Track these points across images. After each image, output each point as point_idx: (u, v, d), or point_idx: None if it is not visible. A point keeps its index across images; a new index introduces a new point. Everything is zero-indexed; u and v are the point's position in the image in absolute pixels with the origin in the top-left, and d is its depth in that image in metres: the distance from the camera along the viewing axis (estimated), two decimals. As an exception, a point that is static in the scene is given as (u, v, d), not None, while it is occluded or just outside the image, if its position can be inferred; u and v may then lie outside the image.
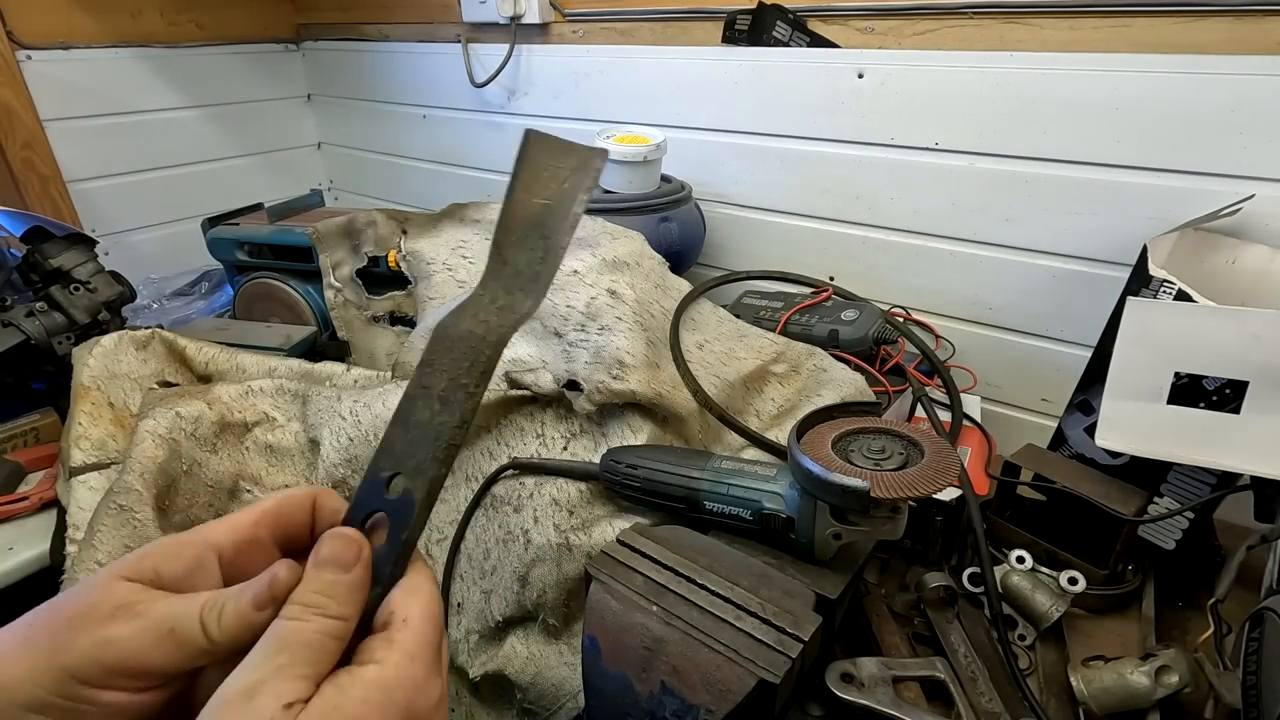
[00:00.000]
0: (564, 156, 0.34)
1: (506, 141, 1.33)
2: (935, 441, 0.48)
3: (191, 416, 0.66)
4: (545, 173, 0.34)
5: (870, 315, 0.83)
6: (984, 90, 0.83)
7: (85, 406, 0.69)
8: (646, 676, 0.42)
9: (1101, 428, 0.61)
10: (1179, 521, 0.64)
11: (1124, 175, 0.77)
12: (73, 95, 1.25)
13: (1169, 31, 0.73)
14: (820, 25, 0.93)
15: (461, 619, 0.63)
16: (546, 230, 0.33)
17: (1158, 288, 0.61)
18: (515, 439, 0.66)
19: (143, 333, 0.76)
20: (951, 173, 0.88)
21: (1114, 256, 0.80)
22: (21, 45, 1.18)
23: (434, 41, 1.35)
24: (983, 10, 0.82)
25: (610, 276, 0.74)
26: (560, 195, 0.34)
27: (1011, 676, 0.55)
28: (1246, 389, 0.56)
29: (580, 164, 0.34)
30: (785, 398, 0.75)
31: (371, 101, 1.52)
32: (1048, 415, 0.91)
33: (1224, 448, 0.58)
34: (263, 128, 1.56)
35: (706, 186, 1.07)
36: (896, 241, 0.95)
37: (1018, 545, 0.63)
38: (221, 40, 1.44)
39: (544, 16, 1.17)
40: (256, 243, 0.98)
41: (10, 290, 0.85)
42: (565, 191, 0.34)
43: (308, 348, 0.88)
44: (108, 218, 1.33)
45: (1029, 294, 0.87)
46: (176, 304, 1.16)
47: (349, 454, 0.66)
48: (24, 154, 1.20)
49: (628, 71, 1.12)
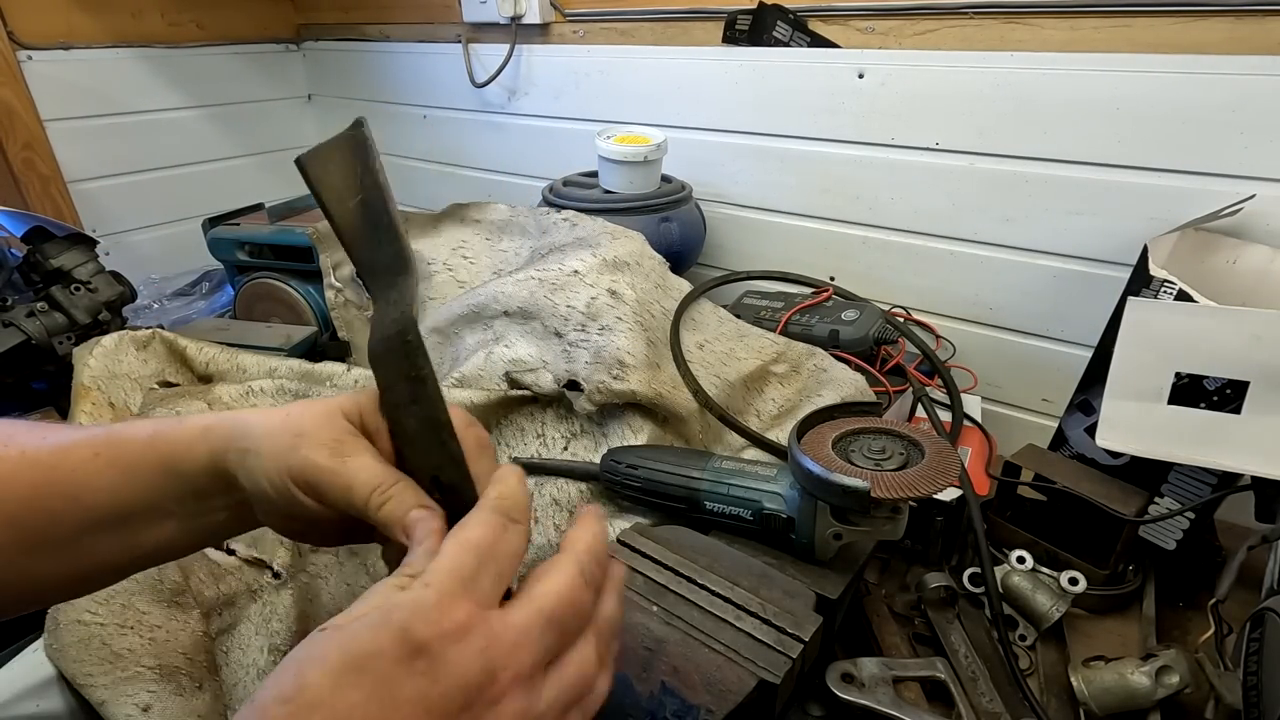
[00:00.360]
0: (336, 152, 0.35)
1: (507, 142, 1.33)
2: (936, 442, 0.48)
3: (192, 416, 0.66)
4: (334, 177, 0.34)
5: (870, 315, 0.83)
6: (984, 90, 0.83)
7: (86, 406, 0.69)
8: (647, 676, 0.42)
9: (1102, 428, 0.61)
10: (1180, 522, 0.64)
11: (1124, 175, 0.77)
12: (73, 95, 1.25)
13: (1170, 31, 0.73)
14: (821, 25, 0.93)
15: (462, 619, 0.63)
16: (376, 217, 0.34)
17: (1158, 288, 0.61)
18: (515, 439, 0.66)
19: (143, 333, 0.76)
20: (952, 173, 0.88)
21: (1114, 256, 0.80)
22: (22, 45, 1.18)
23: (434, 42, 1.35)
24: (983, 10, 0.82)
25: (610, 277, 0.74)
26: (360, 182, 0.34)
27: (1012, 677, 0.55)
28: (1247, 389, 0.56)
29: (352, 145, 0.35)
30: (786, 398, 0.75)
31: (372, 102, 1.52)
32: (1048, 415, 0.91)
33: (1224, 448, 0.58)
34: (263, 128, 1.56)
35: (707, 186, 1.07)
36: (897, 241, 0.95)
37: (1018, 545, 0.63)
38: (222, 40, 1.44)
39: (544, 17, 1.17)
40: (257, 243, 0.98)
41: (11, 290, 0.85)
42: (362, 175, 0.34)
43: (308, 348, 0.88)
44: (108, 218, 1.33)
45: (1029, 294, 0.87)
46: (177, 304, 1.16)
47: (349, 454, 0.66)
48: (25, 154, 1.20)
49: (628, 72, 1.12)
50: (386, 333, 0.32)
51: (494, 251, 0.91)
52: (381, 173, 0.35)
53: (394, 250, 0.34)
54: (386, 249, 0.34)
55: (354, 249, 0.34)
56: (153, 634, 0.54)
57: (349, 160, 0.34)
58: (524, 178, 1.34)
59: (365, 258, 0.34)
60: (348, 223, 0.34)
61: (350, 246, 0.34)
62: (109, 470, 0.32)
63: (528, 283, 0.72)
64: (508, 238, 0.91)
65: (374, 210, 0.34)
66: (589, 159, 1.00)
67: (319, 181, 0.34)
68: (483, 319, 0.73)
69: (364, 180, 0.34)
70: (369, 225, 0.34)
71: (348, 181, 0.34)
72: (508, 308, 0.71)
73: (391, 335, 0.31)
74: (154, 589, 0.56)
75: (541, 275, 0.72)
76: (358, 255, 0.34)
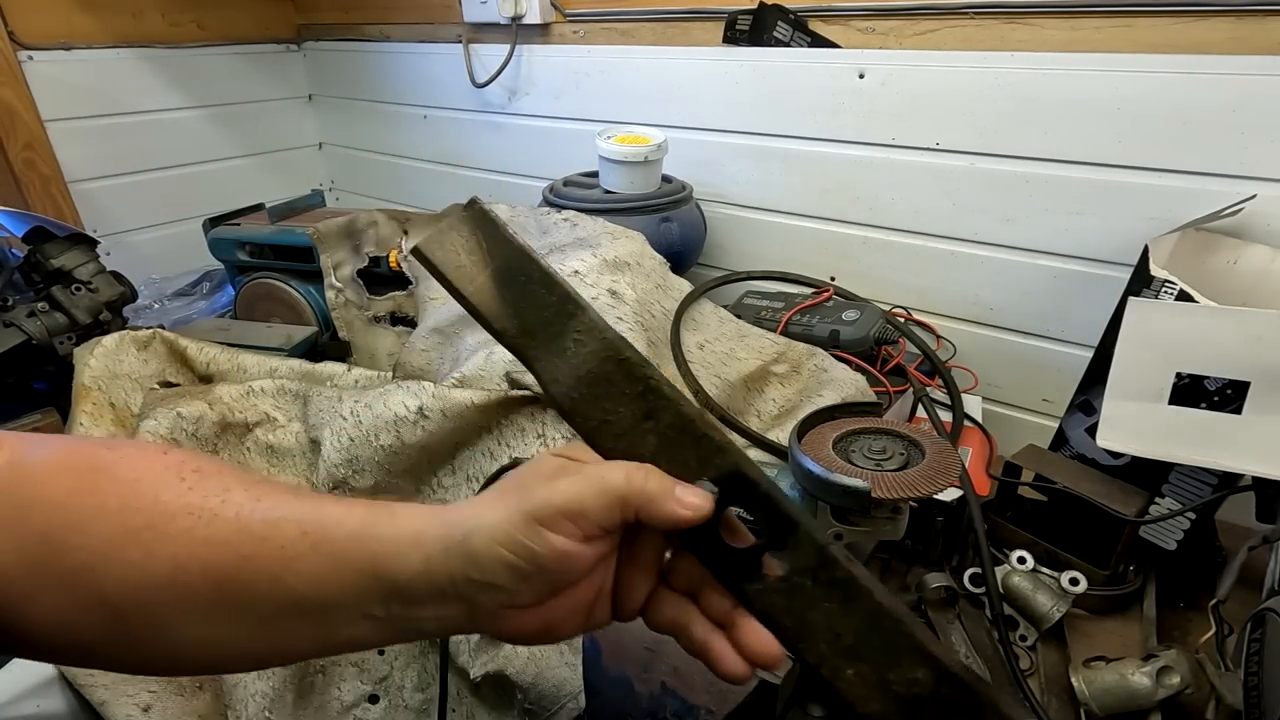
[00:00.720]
0: (453, 232, 0.33)
1: (507, 142, 1.33)
2: (936, 442, 0.48)
3: (193, 417, 0.66)
4: (459, 257, 0.33)
5: (871, 315, 0.83)
6: (985, 90, 0.82)
7: (87, 406, 0.69)
8: (647, 677, 0.42)
9: (1103, 428, 0.61)
10: (1180, 522, 0.64)
11: (1125, 175, 0.77)
12: (74, 96, 1.25)
13: (1170, 31, 0.73)
14: (821, 25, 0.93)
15: (462, 619, 0.63)
16: (521, 277, 0.33)
17: (1159, 288, 0.61)
18: (516, 439, 0.66)
19: (144, 333, 0.76)
20: (952, 173, 0.88)
21: (1115, 257, 0.80)
22: (23, 46, 1.18)
23: (435, 42, 1.35)
24: (984, 10, 0.82)
25: (611, 277, 0.74)
26: (488, 254, 0.33)
27: (1012, 677, 0.55)
28: (1248, 389, 0.56)
29: (471, 223, 0.33)
30: (786, 398, 0.75)
31: (372, 102, 1.52)
32: (1049, 416, 0.90)
33: (1225, 448, 0.57)
34: (264, 128, 1.56)
35: (707, 187, 1.07)
36: (897, 241, 0.95)
37: (1019, 546, 0.63)
38: (223, 41, 1.44)
39: (545, 17, 1.17)
40: (257, 243, 0.98)
41: (12, 290, 0.85)
42: (489, 247, 0.33)
43: (309, 348, 0.88)
44: (109, 218, 1.33)
45: (1030, 294, 0.87)
46: (178, 304, 1.16)
47: (350, 454, 0.66)
48: (25, 154, 1.20)
49: (628, 72, 1.12)
50: (587, 368, 0.32)
51: (494, 252, 0.91)
52: (515, 238, 0.33)
53: (555, 298, 0.33)
54: (544, 301, 0.33)
55: (496, 321, 0.33)
56: (153, 634, 0.54)
57: (471, 236, 0.33)
58: (524, 178, 1.34)
59: (512, 325, 0.33)
60: (483, 298, 0.33)
61: (491, 320, 0.33)
62: (314, 555, 0.31)
63: (528, 283, 0.71)
64: (508, 238, 0.91)
65: (515, 272, 0.33)
66: (589, 159, 1.00)
67: (442, 265, 0.33)
68: (483, 319, 0.73)
69: (492, 251, 0.33)
70: (513, 290, 0.33)
71: (474, 258, 0.33)
72: (508, 308, 0.71)
73: (596, 366, 0.32)
74: (154, 589, 0.55)
75: (542, 275, 0.72)
76: (501, 326, 0.33)
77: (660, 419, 0.31)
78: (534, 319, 0.33)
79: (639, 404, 0.31)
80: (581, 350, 0.32)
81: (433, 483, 0.68)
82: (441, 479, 0.68)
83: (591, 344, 0.32)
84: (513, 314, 0.33)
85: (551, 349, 0.33)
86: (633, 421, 0.32)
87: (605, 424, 0.32)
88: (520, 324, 0.33)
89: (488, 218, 0.33)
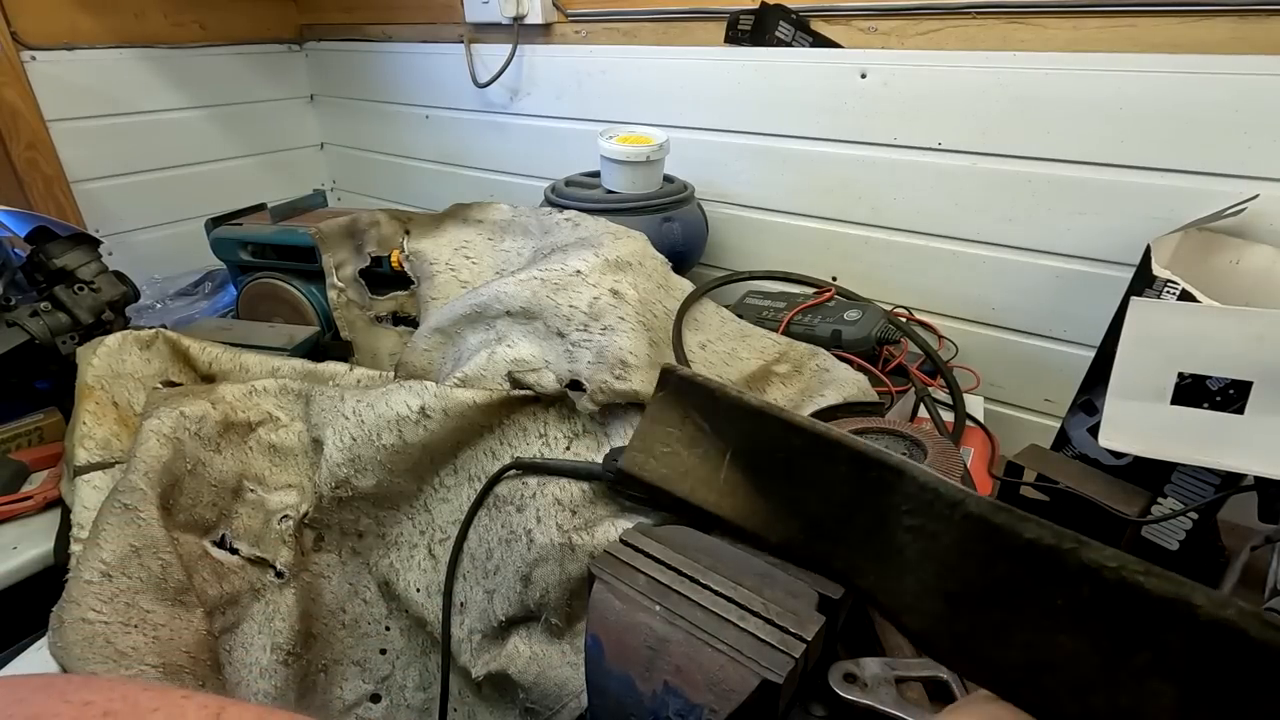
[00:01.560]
0: (656, 429, 0.28)
1: (509, 142, 1.33)
2: (938, 442, 0.48)
3: (195, 416, 0.67)
4: (674, 454, 0.27)
5: (873, 315, 0.83)
6: (987, 90, 0.82)
7: (89, 406, 0.69)
8: (649, 676, 0.42)
9: (1105, 428, 0.61)
10: (1182, 522, 0.64)
11: (1127, 175, 0.77)
12: (76, 96, 1.25)
13: (1173, 31, 0.73)
14: (823, 25, 0.93)
15: (464, 619, 0.64)
16: (779, 448, 0.27)
17: (1161, 288, 0.61)
18: (518, 439, 0.66)
19: (146, 332, 0.76)
20: (954, 173, 0.87)
21: (1117, 256, 0.80)
22: (26, 46, 1.18)
23: (436, 42, 1.35)
24: (986, 10, 0.82)
25: (613, 276, 0.74)
26: (720, 435, 0.27)
27: (1015, 677, 0.55)
28: (1250, 389, 0.56)
29: (672, 401, 0.27)
30: (788, 398, 0.75)
31: (374, 102, 1.53)
32: (1051, 415, 0.90)
33: (1228, 448, 0.57)
34: (266, 128, 1.56)
35: (709, 186, 1.07)
36: (899, 241, 0.95)
37: (1021, 546, 0.63)
38: (224, 41, 1.44)
39: (546, 17, 1.17)
40: (260, 243, 0.98)
41: (14, 290, 0.85)
42: (715, 425, 0.27)
43: (311, 348, 0.88)
44: (111, 218, 1.33)
45: (1032, 294, 0.87)
46: (180, 304, 1.16)
47: (352, 454, 0.66)
48: (28, 154, 1.20)
49: (630, 72, 1.12)
50: (950, 567, 0.22)
51: (496, 251, 0.91)
52: (746, 395, 0.26)
53: (845, 467, 0.27)
54: (832, 475, 0.27)
55: (763, 530, 0.28)
56: (156, 632, 0.54)
57: (684, 419, 0.27)
58: (526, 178, 1.34)
59: (790, 526, 0.27)
60: (732, 501, 0.27)
61: (758, 530, 0.28)
62: None
63: (530, 283, 0.72)
64: (510, 238, 0.92)
65: (768, 447, 0.26)
66: (591, 159, 1.01)
67: (654, 476, 0.28)
68: (485, 319, 0.73)
69: (719, 427, 0.26)
70: (773, 475, 0.27)
71: (696, 449, 0.27)
72: (510, 307, 0.71)
73: (961, 561, 0.21)
74: (158, 587, 0.56)
75: (544, 275, 0.72)
76: (773, 533, 0.27)
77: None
78: (820, 509, 0.22)
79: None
80: (925, 541, 0.20)
81: (434, 482, 0.68)
82: (444, 478, 0.68)
83: (935, 524, 0.19)
84: (786, 511, 0.23)
85: (872, 549, 0.21)
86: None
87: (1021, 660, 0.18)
88: (803, 521, 0.22)
89: (693, 384, 0.24)
